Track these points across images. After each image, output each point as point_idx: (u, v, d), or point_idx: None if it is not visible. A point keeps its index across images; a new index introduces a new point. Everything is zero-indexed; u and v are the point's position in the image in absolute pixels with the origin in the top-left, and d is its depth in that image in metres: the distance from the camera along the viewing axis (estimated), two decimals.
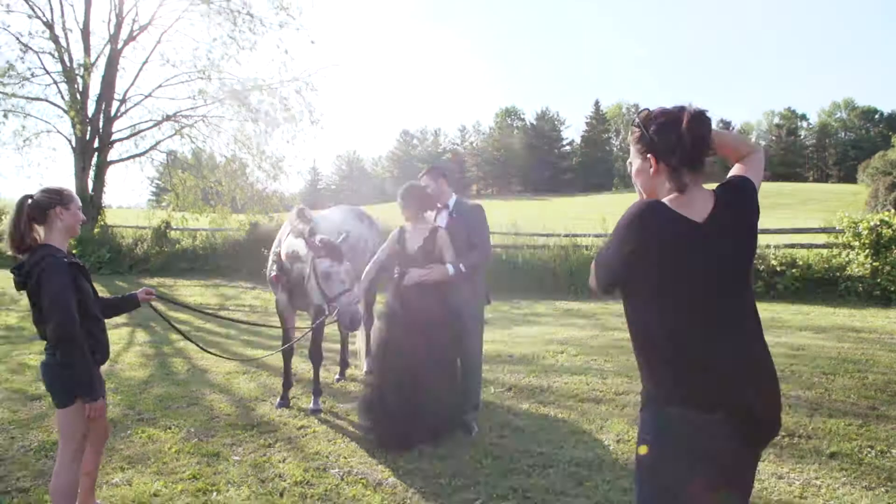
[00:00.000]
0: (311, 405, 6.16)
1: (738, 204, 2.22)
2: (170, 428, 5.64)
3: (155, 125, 20.06)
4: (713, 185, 2.35)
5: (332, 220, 6.87)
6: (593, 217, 27.69)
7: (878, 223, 12.67)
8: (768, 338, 2.10)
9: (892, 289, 12.15)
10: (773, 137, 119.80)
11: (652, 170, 2.22)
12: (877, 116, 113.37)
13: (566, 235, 15.82)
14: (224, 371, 7.74)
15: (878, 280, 12.34)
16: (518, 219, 17.77)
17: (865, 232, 12.66)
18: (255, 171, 20.84)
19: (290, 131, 21.11)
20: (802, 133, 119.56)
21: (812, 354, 7.72)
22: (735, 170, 2.40)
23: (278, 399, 6.37)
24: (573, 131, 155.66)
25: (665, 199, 2.18)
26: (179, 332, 4.84)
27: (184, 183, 20.69)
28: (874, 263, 12.46)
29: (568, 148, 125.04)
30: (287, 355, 6.41)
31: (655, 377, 2.15)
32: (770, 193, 72.65)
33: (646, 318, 2.16)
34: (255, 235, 17.84)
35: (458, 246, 5.23)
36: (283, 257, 5.95)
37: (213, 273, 17.66)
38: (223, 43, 19.91)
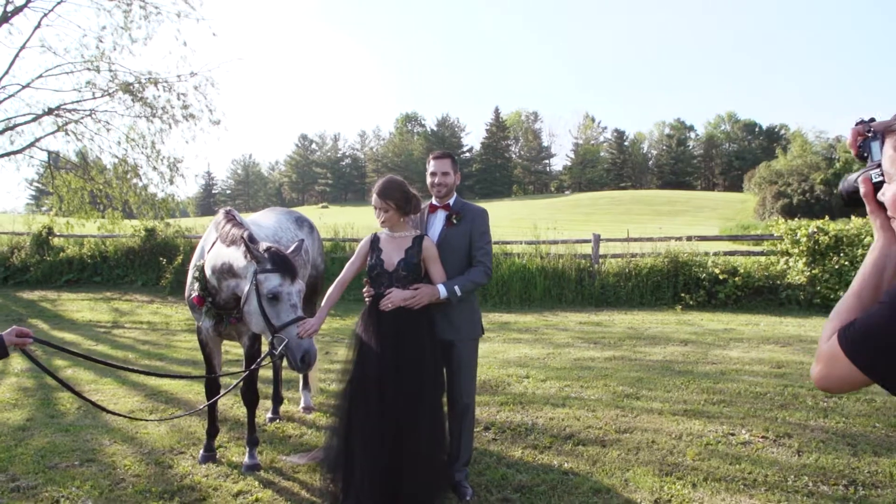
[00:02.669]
0: (245, 459, 4.87)
1: None
2: (58, 501, 4.23)
3: (34, 119, 17.73)
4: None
5: (265, 226, 5.55)
6: (502, 224, 27.23)
7: (816, 230, 12.47)
8: (736, 352, 1.30)
9: (832, 297, 11.92)
10: (665, 147, 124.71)
11: None
12: (757, 129, 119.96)
13: (497, 243, 14.95)
14: (126, 409, 6.34)
15: (818, 288, 12.11)
16: None
17: (804, 239, 12.43)
18: (149, 172, 18.88)
19: (189, 131, 19.40)
20: (691, 143, 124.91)
21: (795, 372, 7.09)
22: None
23: (201, 450, 5.05)
24: (473, 138, 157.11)
25: None
26: (67, 387, 3.51)
27: (68, 185, 18.49)
28: (813, 271, 12.24)
29: (468, 154, 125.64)
30: (212, 394, 5.11)
31: None
32: (666, 201, 75.35)
33: None
34: (152, 243, 16.18)
35: (453, 260, 4.12)
36: (209, 272, 4.62)
37: (103, 285, 15.81)
38: (114, 31, 17.97)
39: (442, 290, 3.95)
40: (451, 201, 4.28)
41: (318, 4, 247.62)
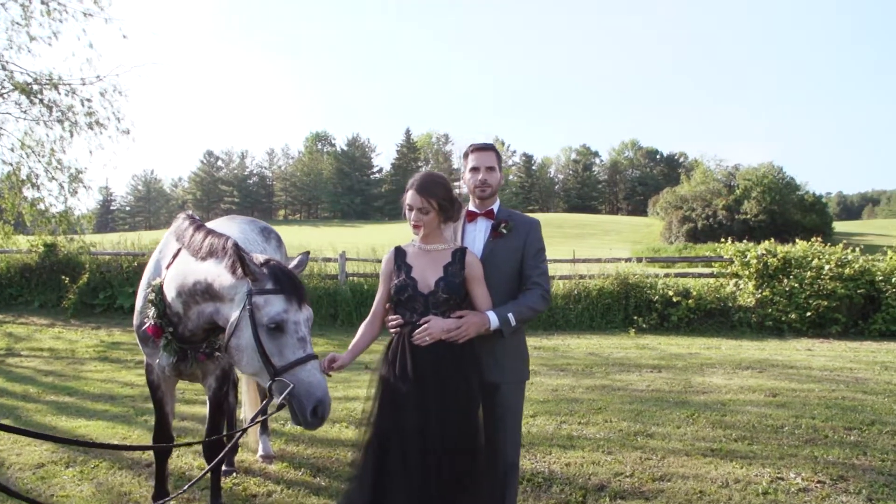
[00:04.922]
0: None
1: None
2: None
3: None
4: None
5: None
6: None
7: (764, 252, 12.35)
8: (718, 379, 0.83)
9: (784, 319, 11.78)
10: (571, 172, 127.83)
11: None
12: (658, 157, 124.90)
13: None
14: (34, 462, 5.13)
15: (769, 311, 11.93)
16: (340, 245, 15.99)
17: (753, 261, 12.27)
18: (46, 182, 17.09)
19: (94, 139, 17.78)
20: (596, 169, 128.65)
21: (795, 401, 6.63)
22: None
23: None
24: (384, 159, 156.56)
25: None
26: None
27: None
28: (763, 293, 12.07)
29: (378, 175, 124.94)
30: (162, 451, 4.06)
31: None
32: (575, 224, 76.68)
33: None
34: (52, 259, 14.57)
35: (497, 280, 3.25)
36: (173, 294, 3.56)
37: None
38: (10, 27, 16.23)
39: (493, 319, 3.09)
40: (495, 207, 3.42)
41: (224, 17, 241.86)
